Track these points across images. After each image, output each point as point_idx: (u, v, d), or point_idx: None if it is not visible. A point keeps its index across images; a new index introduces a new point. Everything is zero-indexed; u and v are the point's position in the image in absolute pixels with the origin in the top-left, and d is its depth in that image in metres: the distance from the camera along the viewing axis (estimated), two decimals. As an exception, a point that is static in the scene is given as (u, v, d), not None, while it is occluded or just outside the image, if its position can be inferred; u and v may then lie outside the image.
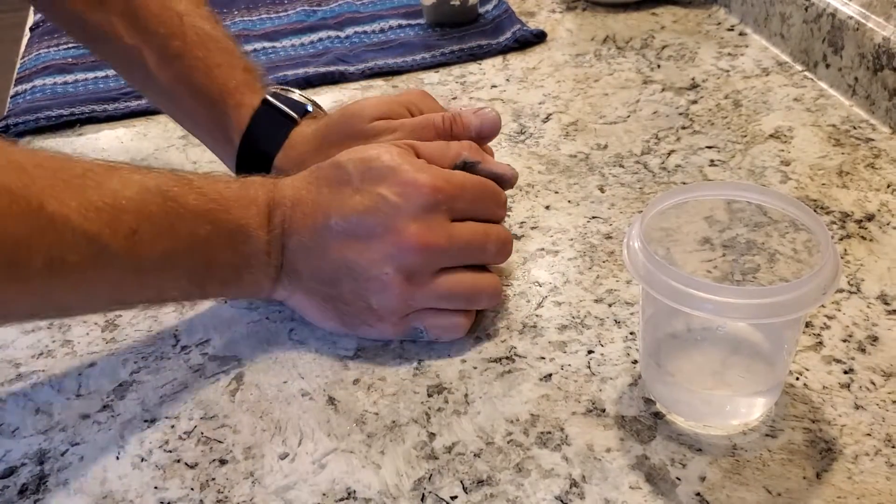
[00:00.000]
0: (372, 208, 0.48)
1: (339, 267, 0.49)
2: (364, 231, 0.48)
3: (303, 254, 0.49)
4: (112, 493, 0.44)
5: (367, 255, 0.48)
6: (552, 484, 0.42)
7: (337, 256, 0.48)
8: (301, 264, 0.50)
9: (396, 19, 0.91)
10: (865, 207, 0.59)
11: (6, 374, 0.51)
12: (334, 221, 0.48)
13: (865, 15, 0.69)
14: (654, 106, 0.73)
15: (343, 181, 0.49)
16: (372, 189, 0.48)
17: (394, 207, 0.48)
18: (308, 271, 0.50)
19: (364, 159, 0.49)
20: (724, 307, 0.39)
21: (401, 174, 0.48)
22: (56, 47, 0.90)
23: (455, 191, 0.49)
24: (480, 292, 0.51)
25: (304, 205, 0.49)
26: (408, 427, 0.46)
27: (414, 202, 0.48)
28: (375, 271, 0.48)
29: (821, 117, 0.70)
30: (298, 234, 0.49)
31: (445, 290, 0.49)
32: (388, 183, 0.48)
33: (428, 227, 0.48)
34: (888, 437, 0.43)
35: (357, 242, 0.48)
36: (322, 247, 0.49)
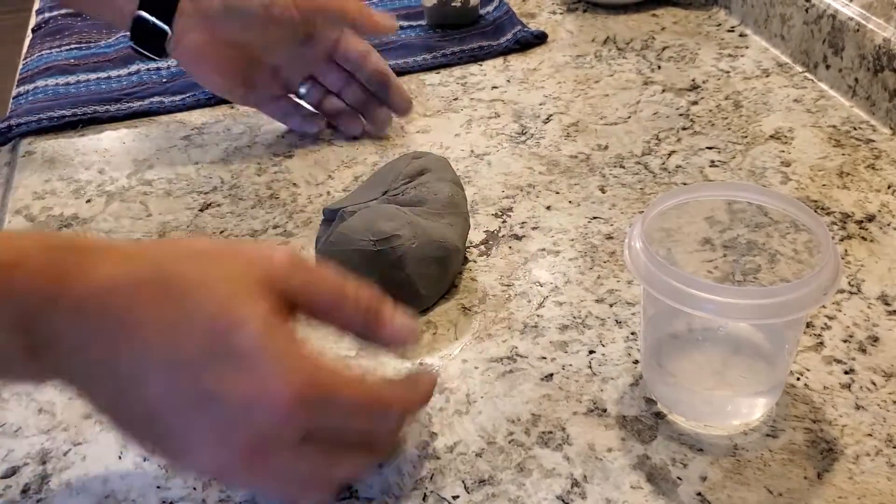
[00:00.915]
0: (208, 395, 0.35)
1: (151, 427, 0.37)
2: (191, 413, 0.36)
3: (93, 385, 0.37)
4: (114, 492, 0.44)
5: (183, 439, 0.36)
6: (553, 483, 0.42)
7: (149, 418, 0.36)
8: (89, 391, 0.38)
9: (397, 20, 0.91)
10: (866, 208, 0.60)
11: (9, 374, 0.51)
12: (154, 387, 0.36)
13: (866, 16, 0.69)
14: (655, 107, 0.74)
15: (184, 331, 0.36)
16: (216, 369, 0.35)
17: (233, 413, 0.35)
18: (102, 402, 0.38)
19: (215, 321, 0.36)
20: (725, 307, 0.39)
21: (255, 368, 0.35)
22: (58, 48, 0.90)
23: (319, 409, 0.36)
24: (345, 465, 0.39)
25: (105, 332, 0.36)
26: (409, 427, 0.46)
27: (257, 420, 0.35)
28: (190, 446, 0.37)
29: (821, 118, 0.70)
30: (90, 362, 0.36)
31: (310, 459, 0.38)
32: (236, 373, 0.35)
33: (264, 452, 0.36)
34: (889, 437, 0.43)
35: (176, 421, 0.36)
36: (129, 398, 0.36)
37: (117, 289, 0.36)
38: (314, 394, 0.36)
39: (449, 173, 0.58)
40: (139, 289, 0.36)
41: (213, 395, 0.35)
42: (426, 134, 0.72)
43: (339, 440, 0.39)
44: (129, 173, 0.70)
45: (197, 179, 0.68)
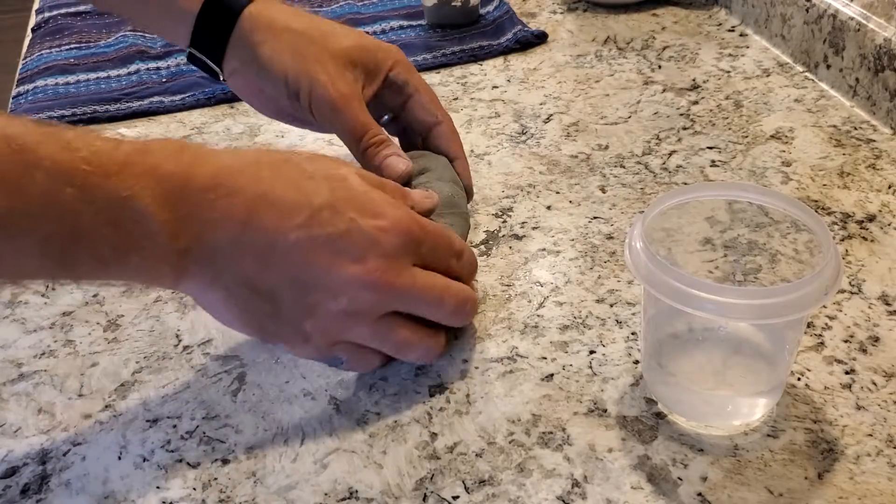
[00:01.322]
0: (343, 233, 0.44)
1: (285, 284, 0.44)
2: (328, 253, 0.43)
3: (233, 252, 0.43)
4: (114, 492, 0.44)
5: (322, 279, 0.44)
6: (554, 484, 0.42)
7: (286, 271, 0.43)
8: (226, 262, 0.43)
9: (398, 20, 0.91)
10: (866, 208, 0.59)
11: (8, 373, 0.51)
12: (294, 235, 0.43)
13: (866, 16, 0.69)
14: (655, 106, 0.74)
15: (311, 192, 0.44)
16: (345, 212, 0.44)
17: (366, 240, 0.44)
18: (235, 273, 0.44)
19: (334, 177, 0.45)
20: (726, 307, 0.39)
21: (374, 205, 0.45)
22: (58, 48, 0.90)
23: (425, 235, 0.46)
24: (413, 349, 0.47)
25: (244, 195, 0.43)
26: (409, 427, 0.46)
27: (387, 240, 0.44)
28: (325, 298, 0.44)
29: (822, 118, 0.70)
30: (229, 228, 0.43)
31: (383, 335, 0.46)
32: (361, 211, 0.44)
33: (394, 268, 0.44)
34: (890, 437, 0.43)
35: (316, 263, 0.43)
36: (267, 255, 0.43)
37: (239, 168, 0.44)
38: (419, 226, 0.46)
39: (448, 173, 0.58)
40: (258, 165, 0.45)
41: (347, 230, 0.43)
42: (426, 134, 0.72)
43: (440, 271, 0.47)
44: (129, 173, 0.69)
45: (197, 179, 0.68)
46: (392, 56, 0.60)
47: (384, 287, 0.44)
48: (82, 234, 0.40)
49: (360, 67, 0.58)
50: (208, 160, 0.44)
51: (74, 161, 0.39)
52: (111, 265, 0.42)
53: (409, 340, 0.47)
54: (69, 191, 0.39)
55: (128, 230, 0.41)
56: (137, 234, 0.41)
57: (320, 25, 0.59)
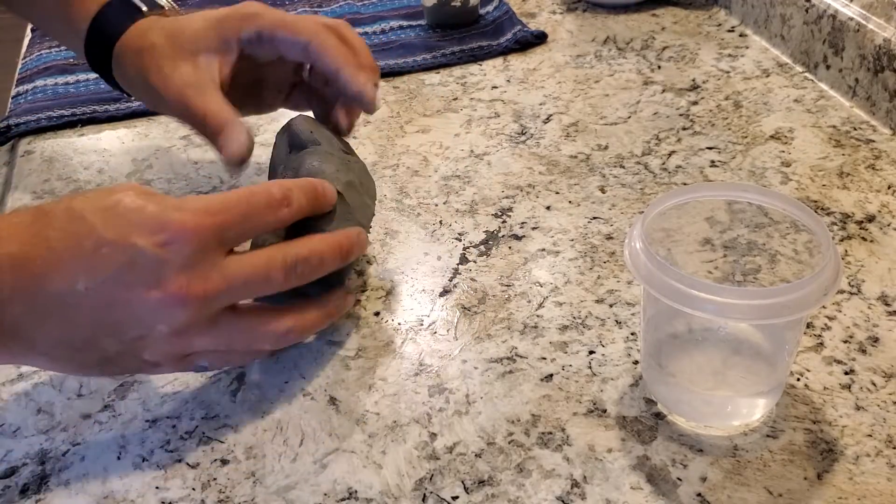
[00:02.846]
0: (127, 264, 0.40)
1: (96, 331, 0.42)
2: (122, 291, 0.41)
3: (35, 320, 0.41)
4: (113, 493, 0.44)
5: (129, 316, 0.41)
6: (553, 484, 0.42)
7: (90, 322, 0.41)
8: (33, 331, 0.41)
9: (397, 20, 0.91)
10: (866, 208, 0.59)
11: (7, 373, 0.51)
12: (81, 285, 0.40)
13: (866, 16, 0.69)
14: (655, 107, 0.74)
15: (83, 233, 0.41)
16: (122, 238, 0.41)
17: (153, 261, 0.41)
18: (47, 339, 0.42)
19: (103, 207, 0.42)
20: (726, 308, 0.39)
21: (152, 217, 0.41)
22: (58, 48, 0.90)
23: (220, 220, 0.42)
24: (263, 339, 0.46)
25: (31, 264, 0.40)
26: (409, 427, 0.46)
27: (176, 251, 0.41)
28: (143, 331, 0.42)
29: (821, 118, 0.70)
30: (25, 299, 0.41)
31: (225, 337, 0.44)
32: (140, 230, 0.41)
33: (197, 274, 0.41)
34: (889, 437, 0.43)
35: (114, 305, 0.41)
36: (66, 314, 0.41)
37: (17, 237, 0.41)
38: (210, 216, 0.42)
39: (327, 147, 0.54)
40: (33, 228, 0.42)
41: (130, 259, 0.40)
42: (426, 134, 0.72)
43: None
44: (129, 173, 0.69)
45: (196, 179, 0.68)
46: (239, 15, 0.57)
47: (193, 299, 0.42)
48: None
49: (204, 51, 0.56)
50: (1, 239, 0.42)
51: None
52: None
53: (251, 337, 0.45)
54: None
55: None
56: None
57: (173, 30, 0.58)
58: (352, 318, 0.53)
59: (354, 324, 0.53)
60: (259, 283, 0.44)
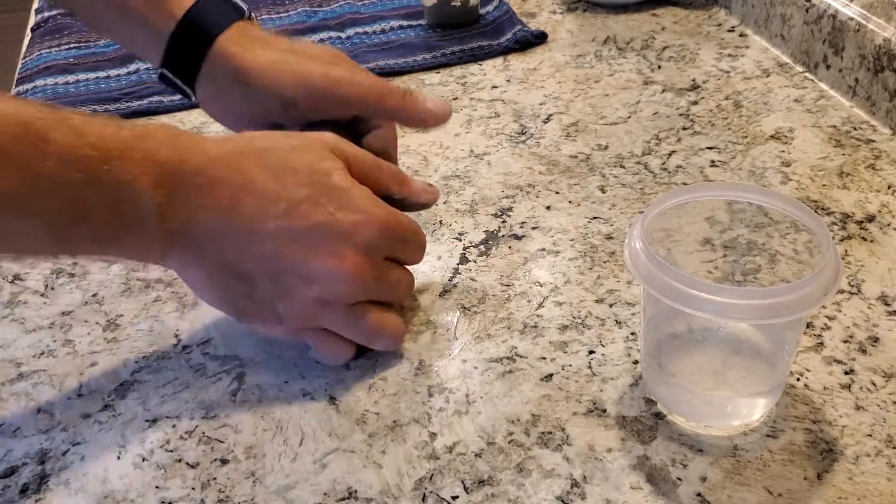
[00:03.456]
0: (321, 225, 0.45)
1: (262, 268, 0.46)
2: (305, 244, 0.45)
3: (214, 237, 0.45)
4: (113, 492, 0.44)
5: (298, 268, 0.46)
6: (553, 484, 0.42)
7: (264, 258, 0.46)
8: (208, 246, 0.46)
9: (397, 20, 0.91)
10: (866, 208, 0.59)
11: (7, 373, 0.51)
12: (273, 225, 0.45)
13: (866, 16, 0.69)
14: (655, 107, 0.74)
15: (291, 184, 0.46)
16: (324, 205, 0.46)
17: (343, 233, 0.46)
18: (216, 257, 0.46)
19: (316, 170, 0.47)
20: (726, 308, 0.39)
21: (353, 200, 0.47)
22: (58, 48, 0.90)
23: (397, 232, 0.49)
24: (383, 336, 0.49)
25: (226, 185, 0.45)
26: (409, 427, 0.46)
27: (363, 235, 0.46)
28: (299, 285, 0.46)
29: (821, 118, 0.70)
30: (214, 214, 0.45)
31: (353, 323, 0.48)
32: (340, 205, 0.46)
33: (367, 261, 0.47)
34: (889, 437, 0.43)
35: (293, 252, 0.45)
36: (246, 242, 0.45)
37: (228, 156, 0.46)
38: (396, 223, 0.48)
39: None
40: (243, 156, 0.46)
41: (325, 223, 0.45)
42: (425, 133, 0.72)
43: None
44: (129, 173, 0.69)
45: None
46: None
47: (356, 280, 0.46)
48: (86, 215, 0.43)
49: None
50: (200, 147, 0.46)
51: (82, 147, 0.41)
52: (106, 244, 0.45)
53: (377, 327, 0.49)
54: (77, 175, 0.41)
55: (124, 212, 0.43)
56: (133, 215, 0.44)
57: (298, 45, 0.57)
58: (352, 317, 0.53)
59: (354, 323, 0.53)
60: (399, 296, 0.51)
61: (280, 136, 0.49)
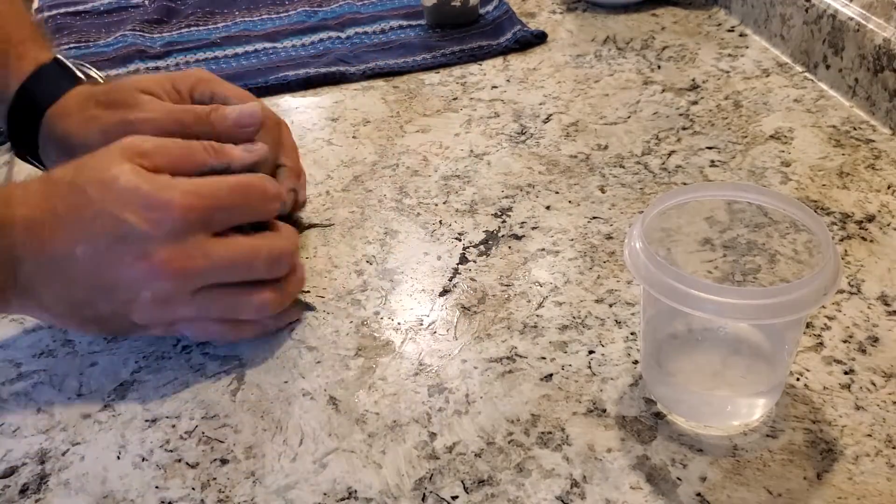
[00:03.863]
0: (119, 237, 0.45)
1: (91, 292, 0.47)
2: (112, 258, 0.46)
3: (43, 278, 0.47)
4: (113, 492, 0.44)
5: (118, 281, 0.46)
6: (553, 484, 0.42)
7: (86, 283, 0.46)
8: (42, 288, 0.47)
9: (397, 20, 0.91)
10: (866, 208, 0.59)
11: (7, 373, 0.51)
12: (80, 250, 0.45)
13: (866, 16, 0.69)
14: (655, 107, 0.74)
15: (83, 204, 0.46)
16: (116, 213, 0.45)
17: (141, 235, 0.45)
18: (52, 296, 0.47)
19: (103, 181, 0.46)
20: (725, 308, 0.39)
21: (145, 196, 0.45)
22: (57, 47, 0.90)
23: (209, 204, 0.47)
24: (243, 307, 0.49)
25: (40, 228, 0.46)
26: (409, 427, 0.46)
27: (163, 227, 0.45)
28: (130, 295, 0.46)
29: (821, 118, 0.70)
30: (36, 258, 0.46)
31: (206, 307, 0.48)
32: (132, 207, 0.45)
33: (182, 251, 0.46)
34: (889, 437, 0.43)
35: (107, 270, 0.46)
36: (68, 274, 0.46)
37: (31, 204, 0.46)
38: (199, 197, 0.46)
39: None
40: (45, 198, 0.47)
41: (122, 231, 0.45)
42: (425, 133, 0.72)
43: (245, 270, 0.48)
44: (128, 173, 0.69)
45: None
46: (192, 77, 0.58)
47: (177, 274, 0.46)
48: None
49: (158, 94, 0.56)
50: (16, 200, 0.47)
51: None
52: None
53: (234, 305, 0.49)
54: None
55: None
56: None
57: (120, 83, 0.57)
58: (351, 317, 0.53)
59: (354, 323, 0.53)
60: (242, 269, 0.48)
61: (82, 160, 0.48)
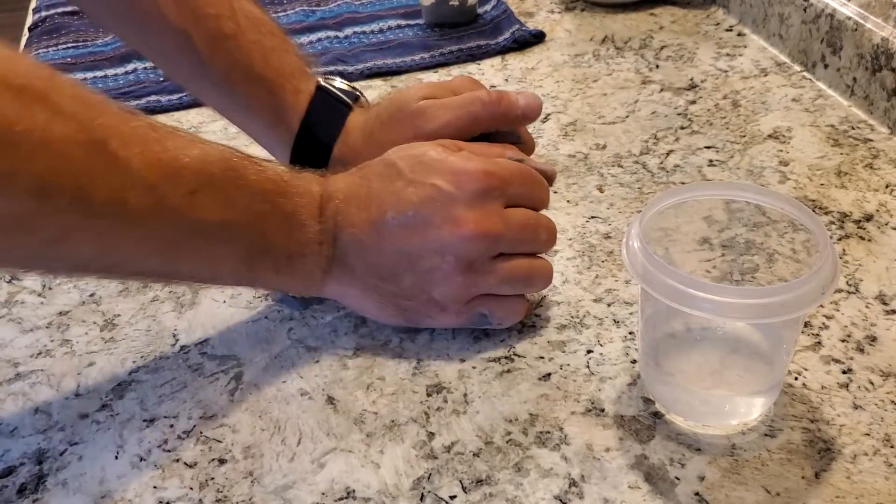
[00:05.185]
0: (427, 199, 0.48)
1: (398, 261, 0.49)
2: (421, 222, 0.48)
3: (357, 248, 0.49)
4: (111, 492, 0.44)
5: (425, 245, 0.48)
6: (551, 483, 0.42)
7: (395, 250, 0.48)
8: (354, 259, 0.49)
9: (395, 19, 0.91)
10: (864, 207, 0.60)
11: (5, 373, 0.51)
12: (390, 216, 0.48)
13: (864, 15, 0.69)
14: (653, 106, 0.74)
15: (394, 176, 0.49)
16: (424, 180, 0.48)
17: (448, 196, 0.48)
18: (363, 266, 0.49)
19: (413, 155, 0.50)
20: (723, 307, 0.39)
21: (451, 164, 0.49)
22: (55, 47, 0.90)
23: (506, 175, 0.50)
24: (537, 276, 0.51)
25: (356, 199, 0.49)
26: (407, 426, 0.46)
27: (467, 189, 0.48)
28: (436, 261, 0.48)
29: (819, 118, 0.70)
30: (352, 227, 0.49)
31: (505, 275, 0.49)
32: (440, 173, 0.48)
33: (484, 214, 0.48)
34: (887, 436, 0.43)
35: (415, 234, 0.48)
36: (378, 241, 0.49)
37: (352, 176, 0.51)
38: (499, 167, 0.50)
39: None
40: (362, 171, 0.51)
41: (430, 196, 0.48)
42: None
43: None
44: (126, 172, 0.69)
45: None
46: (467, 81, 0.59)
47: (480, 235, 0.48)
48: (269, 243, 0.47)
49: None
50: (336, 178, 0.51)
51: (266, 182, 0.47)
52: (282, 272, 0.49)
53: (530, 272, 0.51)
54: (265, 206, 0.46)
55: (296, 240, 0.48)
56: (301, 242, 0.48)
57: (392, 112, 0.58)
58: (349, 317, 0.53)
59: (352, 323, 0.53)
60: (529, 238, 0.51)
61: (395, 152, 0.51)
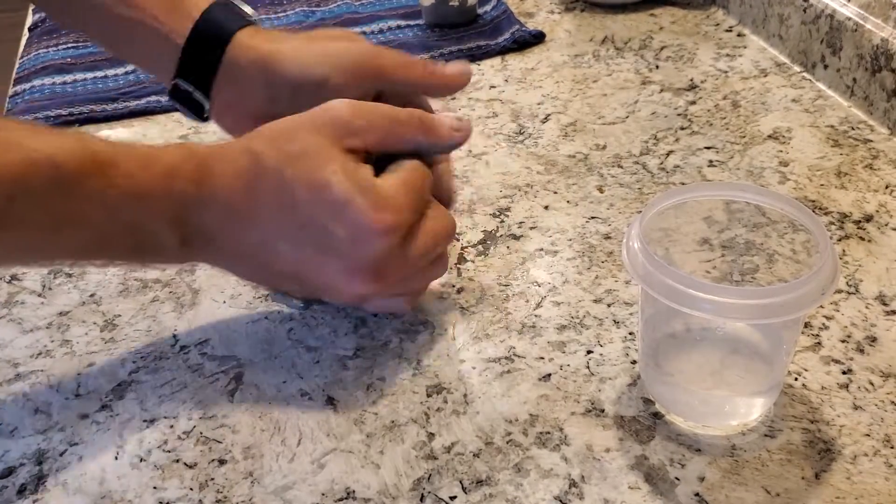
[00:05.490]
0: (324, 247, 0.46)
1: (284, 277, 0.49)
2: (315, 266, 0.47)
3: (234, 260, 0.49)
4: (111, 493, 0.43)
5: (318, 282, 0.48)
6: (551, 484, 0.42)
7: (281, 271, 0.48)
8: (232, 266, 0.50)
9: (395, 20, 0.91)
10: (864, 208, 0.60)
11: (5, 373, 0.51)
12: (282, 247, 0.47)
13: (864, 16, 0.69)
14: (653, 106, 0.74)
15: (290, 206, 0.46)
16: (325, 225, 0.45)
17: (347, 251, 0.46)
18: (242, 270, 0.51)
19: (313, 185, 0.45)
20: (723, 307, 0.39)
21: (353, 212, 0.45)
22: (55, 47, 0.90)
23: (411, 218, 0.47)
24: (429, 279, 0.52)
25: (239, 218, 0.47)
26: (407, 427, 0.46)
27: (367, 250, 0.46)
28: (324, 289, 0.49)
29: (819, 118, 0.70)
30: (231, 244, 0.48)
31: (400, 292, 0.50)
32: (340, 221, 0.45)
33: (385, 264, 0.47)
34: (887, 437, 0.43)
35: (307, 271, 0.48)
36: (262, 260, 0.48)
37: (233, 187, 0.47)
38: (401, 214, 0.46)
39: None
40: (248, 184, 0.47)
41: (329, 242, 0.46)
42: (424, 133, 0.72)
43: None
44: (126, 173, 0.69)
45: (194, 179, 0.68)
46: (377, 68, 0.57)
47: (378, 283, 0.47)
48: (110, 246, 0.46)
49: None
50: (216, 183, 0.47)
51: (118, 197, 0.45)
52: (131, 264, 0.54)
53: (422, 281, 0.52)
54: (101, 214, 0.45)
55: (145, 246, 0.47)
56: (153, 248, 0.47)
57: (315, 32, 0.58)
58: (349, 317, 0.53)
59: (352, 323, 0.53)
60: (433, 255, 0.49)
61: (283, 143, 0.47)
